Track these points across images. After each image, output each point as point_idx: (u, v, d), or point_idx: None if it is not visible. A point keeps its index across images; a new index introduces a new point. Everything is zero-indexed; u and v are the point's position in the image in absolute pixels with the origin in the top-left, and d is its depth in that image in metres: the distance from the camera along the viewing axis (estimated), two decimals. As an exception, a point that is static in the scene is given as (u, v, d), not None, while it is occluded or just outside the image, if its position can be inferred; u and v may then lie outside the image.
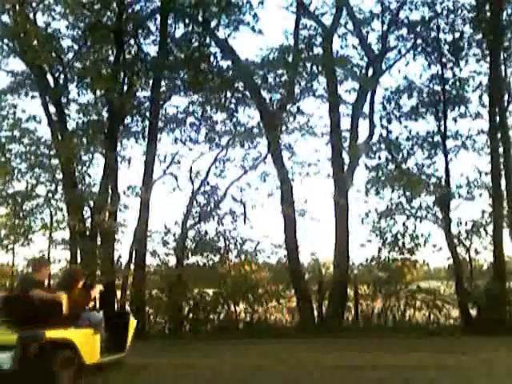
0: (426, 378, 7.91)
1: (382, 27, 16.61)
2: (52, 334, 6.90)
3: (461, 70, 16.35)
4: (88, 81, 16.04)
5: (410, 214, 15.98)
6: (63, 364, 7.03)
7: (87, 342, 7.53)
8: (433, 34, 16.51)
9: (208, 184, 16.88)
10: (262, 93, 16.41)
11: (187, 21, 16.71)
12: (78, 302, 7.83)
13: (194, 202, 16.63)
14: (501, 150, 15.23)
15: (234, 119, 17.07)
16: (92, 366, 7.60)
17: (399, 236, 15.86)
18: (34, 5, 15.55)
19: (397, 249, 15.85)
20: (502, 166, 15.15)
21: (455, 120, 16.38)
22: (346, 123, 16.22)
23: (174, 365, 9.18)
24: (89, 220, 15.52)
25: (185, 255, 16.05)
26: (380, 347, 11.09)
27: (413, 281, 16.22)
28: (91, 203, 15.60)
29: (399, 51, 16.68)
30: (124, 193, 16.07)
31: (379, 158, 16.38)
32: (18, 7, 15.02)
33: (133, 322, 8.90)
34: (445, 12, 16.38)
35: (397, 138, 16.58)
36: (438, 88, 16.48)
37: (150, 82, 16.39)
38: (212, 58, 16.78)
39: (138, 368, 8.65)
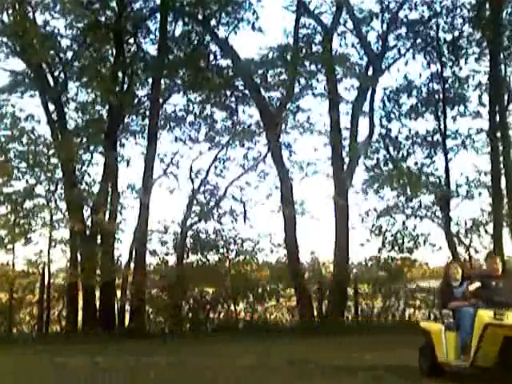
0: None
1: (382, 26, 16.69)
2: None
3: (460, 68, 16.44)
4: (87, 80, 16.04)
5: (409, 214, 16.00)
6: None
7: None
8: (432, 33, 16.58)
9: (208, 183, 16.91)
10: (261, 91, 16.42)
11: (187, 19, 16.74)
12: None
13: (194, 201, 16.65)
14: (500, 149, 15.24)
15: (234, 118, 17.11)
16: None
17: (399, 235, 15.91)
18: (33, 4, 15.53)
19: (396, 248, 15.89)
20: (501, 165, 15.18)
21: (455, 119, 16.48)
22: (345, 122, 16.29)
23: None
24: (89, 219, 15.53)
25: (185, 254, 16.07)
26: (380, 346, 11.08)
27: (412, 280, 16.26)
28: (91, 203, 15.60)
29: (399, 50, 16.77)
30: (123, 192, 16.11)
31: (377, 159, 16.41)
32: (17, 6, 15.00)
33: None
34: (444, 11, 16.46)
35: (396, 137, 16.63)
36: (437, 87, 16.57)
37: (150, 80, 16.40)
38: (212, 57, 16.84)
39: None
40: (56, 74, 16.21)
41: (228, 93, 16.98)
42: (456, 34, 16.42)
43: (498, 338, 6.31)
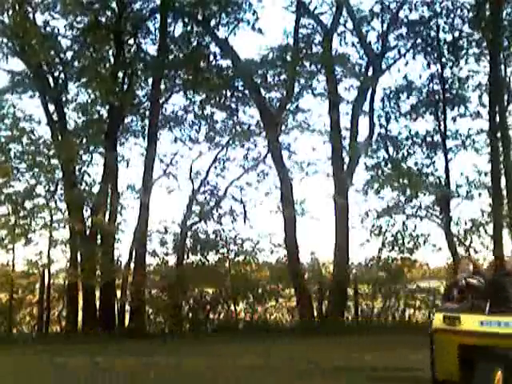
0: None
1: (382, 26, 16.68)
2: None
3: (460, 69, 16.45)
4: (87, 80, 16.04)
5: (409, 214, 16.01)
6: None
7: None
8: (432, 33, 16.57)
9: (208, 183, 16.91)
10: (261, 92, 16.42)
11: (187, 20, 16.72)
12: None
13: (194, 202, 16.65)
14: (500, 149, 15.24)
15: (234, 118, 17.12)
16: None
17: (399, 236, 15.90)
18: (33, 4, 15.53)
19: (397, 248, 15.89)
20: (501, 166, 15.18)
21: (455, 119, 16.44)
22: (345, 122, 16.29)
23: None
24: (89, 220, 15.52)
25: (185, 255, 16.07)
26: (380, 346, 11.09)
27: (412, 280, 16.26)
28: (91, 203, 15.59)
29: (399, 51, 16.76)
30: (123, 193, 16.11)
31: (377, 158, 16.42)
32: (17, 6, 15.00)
33: None
34: (444, 11, 16.44)
35: (396, 137, 16.63)
36: (437, 87, 16.55)
37: (150, 80, 16.40)
38: (212, 57, 16.82)
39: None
40: (56, 74, 16.20)
41: (228, 93, 16.97)
42: (456, 34, 16.42)
43: (453, 346, 5.27)
